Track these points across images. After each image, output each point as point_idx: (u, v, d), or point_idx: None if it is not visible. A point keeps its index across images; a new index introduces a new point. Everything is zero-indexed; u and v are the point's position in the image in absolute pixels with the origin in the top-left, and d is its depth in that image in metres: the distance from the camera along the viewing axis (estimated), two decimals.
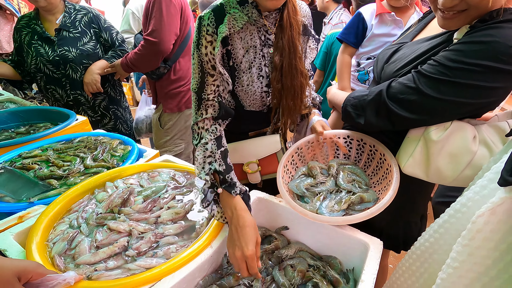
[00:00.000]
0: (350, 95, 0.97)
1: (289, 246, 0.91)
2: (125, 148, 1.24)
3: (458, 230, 0.60)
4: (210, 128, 0.85)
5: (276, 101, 0.95)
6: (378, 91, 0.84)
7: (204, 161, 0.82)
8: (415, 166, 0.84)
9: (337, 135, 1.04)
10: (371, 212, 0.76)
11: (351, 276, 0.83)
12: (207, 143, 0.83)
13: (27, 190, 0.96)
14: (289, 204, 0.83)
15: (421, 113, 0.78)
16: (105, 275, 0.67)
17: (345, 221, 0.77)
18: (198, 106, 0.85)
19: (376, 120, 0.87)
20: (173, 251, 0.74)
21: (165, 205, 0.88)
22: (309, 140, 1.03)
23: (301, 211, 0.80)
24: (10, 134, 1.53)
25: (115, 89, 1.91)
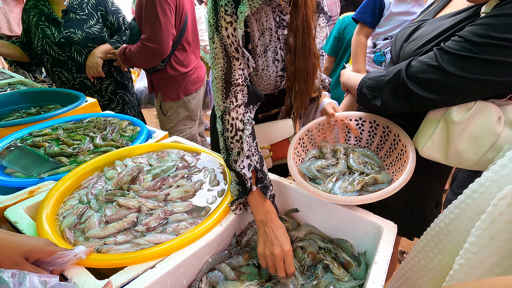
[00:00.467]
0: (366, 76, 0.93)
1: (299, 228, 0.89)
2: (134, 129, 1.23)
3: (474, 211, 0.58)
4: (245, 118, 0.80)
5: (289, 84, 0.92)
6: (397, 70, 0.80)
7: (246, 154, 0.78)
8: (434, 149, 0.80)
9: (348, 117, 1.00)
10: (387, 191, 0.73)
11: (363, 259, 0.81)
12: (249, 137, 0.78)
13: (37, 167, 0.96)
14: (300, 185, 0.81)
15: (442, 93, 0.75)
16: (115, 248, 0.66)
17: (360, 200, 0.74)
18: (226, 93, 0.78)
19: (393, 102, 0.83)
20: (182, 228, 0.73)
21: (174, 184, 0.87)
22: (319, 123, 1.01)
23: (314, 191, 0.78)
24: (21, 115, 1.54)
25: (122, 74, 1.90)
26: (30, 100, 1.65)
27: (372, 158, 0.94)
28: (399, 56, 0.90)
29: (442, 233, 0.71)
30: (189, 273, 0.70)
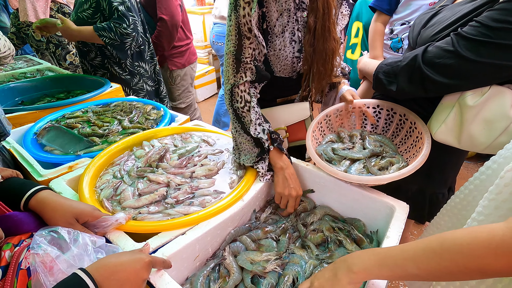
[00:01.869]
0: (382, 62, 0.95)
1: (314, 212, 0.94)
2: (158, 113, 1.30)
3: (487, 187, 0.61)
4: (251, 91, 0.90)
5: (307, 66, 0.95)
6: (413, 56, 0.82)
7: (255, 122, 0.89)
8: (447, 133, 0.83)
9: (366, 104, 1.03)
10: (402, 172, 0.77)
11: (375, 237, 0.86)
12: (255, 107, 0.89)
13: (73, 145, 1.05)
14: (319, 164, 0.85)
15: (458, 78, 0.77)
16: (148, 217, 0.74)
17: (375, 180, 0.78)
18: (236, 69, 0.87)
19: (408, 87, 0.85)
20: (208, 201, 0.80)
21: (198, 163, 0.94)
22: (338, 108, 1.04)
23: (331, 170, 0.82)
24: (51, 99, 1.64)
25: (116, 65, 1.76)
26: (59, 85, 1.74)
27: (387, 144, 0.97)
28: (416, 42, 0.92)
29: (456, 208, 0.75)
30: (214, 242, 0.77)
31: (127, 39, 1.52)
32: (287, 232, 0.87)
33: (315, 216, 0.91)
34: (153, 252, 0.64)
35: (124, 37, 1.50)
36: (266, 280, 0.71)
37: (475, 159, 2.74)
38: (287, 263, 0.77)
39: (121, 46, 1.54)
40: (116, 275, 0.50)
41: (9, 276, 0.50)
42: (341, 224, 0.89)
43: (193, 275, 0.72)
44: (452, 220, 0.77)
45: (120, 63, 1.70)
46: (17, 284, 0.49)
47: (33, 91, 1.67)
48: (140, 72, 1.79)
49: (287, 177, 0.89)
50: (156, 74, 1.91)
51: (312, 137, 0.96)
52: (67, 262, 0.54)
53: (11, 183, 0.67)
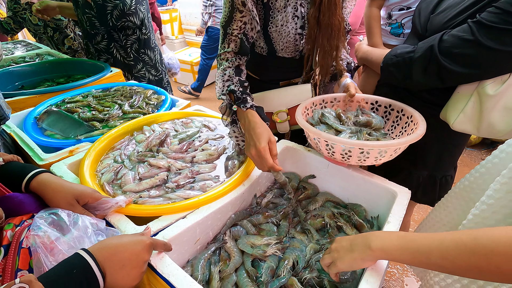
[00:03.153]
0: (390, 53, 0.92)
1: (315, 199, 0.93)
2: (159, 98, 1.28)
3: (499, 170, 0.60)
4: (230, 58, 0.90)
5: (310, 44, 0.92)
6: (428, 46, 0.79)
7: (223, 84, 0.88)
8: (466, 122, 0.81)
9: (365, 99, 1.00)
10: (411, 138, 0.74)
11: (375, 222, 0.85)
12: (225, 70, 0.88)
13: (74, 130, 1.04)
14: (301, 124, 0.82)
15: (478, 68, 0.74)
16: (149, 201, 0.74)
17: (364, 145, 0.73)
18: (223, 39, 0.89)
19: (424, 79, 0.83)
20: (209, 186, 0.80)
21: (199, 148, 0.93)
22: (335, 97, 1.01)
23: (328, 137, 0.76)
24: (52, 84, 1.63)
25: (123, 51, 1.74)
26: (59, 69, 1.72)
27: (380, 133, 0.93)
28: (426, 29, 0.88)
29: (465, 190, 0.74)
30: (215, 226, 0.77)
31: (109, 3, 1.40)
32: (288, 217, 0.87)
33: (316, 203, 0.90)
34: (154, 235, 0.65)
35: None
36: (266, 263, 0.71)
37: (479, 146, 2.72)
38: (287, 247, 0.77)
39: (103, 9, 1.42)
40: (117, 256, 0.50)
41: (11, 254, 0.50)
42: (342, 210, 0.89)
43: (194, 258, 0.73)
44: (460, 203, 0.76)
45: (126, 47, 1.66)
46: (19, 262, 0.50)
47: (32, 75, 1.66)
48: (145, 60, 1.75)
49: (246, 135, 0.80)
50: (160, 63, 1.84)
51: (303, 111, 0.93)
52: (68, 244, 0.54)
53: (12, 166, 0.67)
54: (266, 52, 0.97)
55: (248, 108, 0.82)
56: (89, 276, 0.46)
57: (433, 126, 0.85)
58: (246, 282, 0.68)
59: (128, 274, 0.50)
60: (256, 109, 0.83)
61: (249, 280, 0.69)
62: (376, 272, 0.59)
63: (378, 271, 0.59)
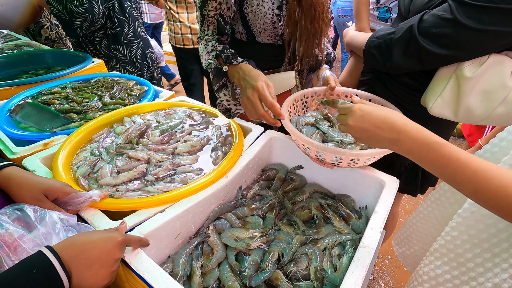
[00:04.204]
0: (373, 35, 0.89)
1: (302, 190, 0.91)
2: (141, 88, 1.23)
3: (499, 160, 0.58)
4: (212, 37, 0.91)
5: (291, 28, 0.88)
6: (408, 27, 0.76)
7: (208, 55, 0.88)
8: (444, 107, 0.79)
9: (345, 93, 0.97)
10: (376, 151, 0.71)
11: (364, 213, 0.83)
12: (208, 42, 0.89)
13: (49, 122, 0.99)
14: (292, 133, 0.77)
15: (457, 49, 0.71)
16: (126, 195, 0.70)
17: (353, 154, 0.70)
18: (201, 21, 0.89)
19: (404, 61, 0.80)
20: (190, 178, 0.76)
21: (181, 139, 0.89)
22: (316, 91, 0.97)
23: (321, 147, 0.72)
24: (30, 76, 1.56)
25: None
26: (38, 61, 1.65)
27: None
28: (409, 10, 0.85)
29: None
30: (197, 220, 0.74)
31: (77, 18, 1.37)
32: (274, 209, 0.85)
33: (303, 195, 0.88)
34: (130, 230, 0.61)
35: (73, 15, 1.35)
36: (250, 257, 0.69)
37: None
38: (273, 240, 0.75)
39: (70, 23, 1.40)
40: (85, 254, 0.46)
41: None
42: (330, 201, 0.87)
43: (175, 253, 0.70)
44: (455, 196, 0.74)
45: (95, 43, 1.59)
46: None
47: (10, 67, 1.58)
48: (117, 56, 1.66)
49: (241, 84, 0.77)
50: (140, 58, 1.72)
51: (287, 111, 0.90)
52: (33, 242, 0.50)
53: None
54: (245, 38, 0.93)
55: (240, 62, 0.81)
56: (51, 276, 0.42)
57: (416, 114, 0.83)
58: (229, 276, 0.66)
59: (96, 273, 0.47)
60: (248, 62, 0.83)
61: (233, 275, 0.66)
62: (362, 264, 0.57)
63: (363, 262, 0.57)
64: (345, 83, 1.09)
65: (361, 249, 0.61)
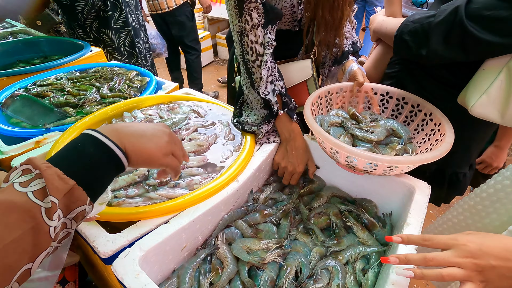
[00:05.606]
0: (407, 19, 0.78)
1: (319, 195, 0.82)
2: (143, 80, 1.14)
3: None
4: (264, 40, 0.73)
5: (310, 13, 0.78)
6: (453, 8, 0.65)
7: (267, 80, 0.76)
8: (488, 105, 0.68)
9: (374, 89, 0.87)
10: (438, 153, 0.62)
11: (388, 220, 0.75)
12: (267, 61, 0.74)
13: (43, 117, 0.91)
14: (319, 134, 0.68)
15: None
16: (126, 202, 0.62)
17: (393, 161, 0.61)
18: (240, 10, 0.69)
19: (443, 49, 0.69)
20: (197, 182, 0.68)
21: (186, 137, 0.81)
22: (342, 87, 0.87)
23: (355, 152, 0.62)
24: (26, 65, 1.47)
25: None
26: (34, 49, 1.56)
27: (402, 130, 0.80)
28: None
29: (504, 191, 0.63)
30: (205, 229, 0.66)
31: (79, 2, 1.31)
32: (289, 215, 0.77)
33: (321, 200, 0.80)
34: (130, 245, 0.54)
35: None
36: (265, 273, 0.61)
37: None
38: (289, 252, 0.67)
39: (71, 8, 1.34)
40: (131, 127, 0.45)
41: None
42: (350, 206, 0.79)
43: (180, 267, 0.63)
44: (494, 205, 0.65)
45: (85, 26, 1.51)
46: None
47: (4, 56, 1.49)
48: (105, 41, 1.58)
49: (288, 150, 0.81)
50: (128, 46, 1.65)
51: (311, 109, 0.81)
52: None
53: None
54: None
55: (295, 121, 0.81)
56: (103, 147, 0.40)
57: (450, 114, 0.73)
58: None
59: (150, 140, 0.44)
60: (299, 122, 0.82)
61: None
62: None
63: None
64: (369, 75, 0.99)
65: (395, 269, 0.52)
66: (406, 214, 0.65)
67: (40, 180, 0.34)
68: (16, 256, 0.30)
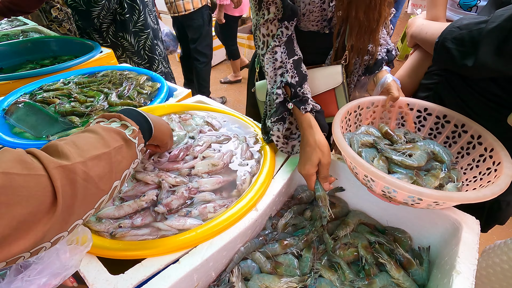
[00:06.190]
0: (453, 24, 0.68)
1: (346, 222, 0.73)
2: (153, 85, 1.07)
3: None
4: (276, 32, 0.68)
5: (342, 12, 0.68)
6: (510, 14, 0.56)
7: (275, 73, 0.71)
8: None
9: (410, 105, 0.77)
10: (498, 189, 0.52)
11: (426, 256, 0.66)
12: (276, 52, 0.69)
13: (47, 127, 0.85)
14: (352, 160, 0.58)
15: None
16: (131, 233, 0.55)
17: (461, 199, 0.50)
18: (259, 5, 0.67)
19: (495, 60, 0.59)
20: (210, 211, 0.61)
21: (199, 154, 0.73)
22: (373, 102, 0.77)
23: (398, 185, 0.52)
24: (35, 66, 1.42)
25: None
26: (43, 50, 1.51)
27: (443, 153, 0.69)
28: None
29: None
30: (219, 265, 0.59)
31: (95, 7, 1.25)
32: (311, 246, 0.69)
33: (347, 228, 0.71)
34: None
35: (91, 5, 1.25)
36: None
37: None
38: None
39: (87, 14, 1.28)
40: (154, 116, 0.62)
41: None
42: (381, 238, 0.70)
43: None
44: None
45: (101, 31, 1.44)
46: None
47: (14, 56, 1.45)
48: (124, 45, 1.51)
49: (300, 148, 0.70)
50: (149, 50, 1.57)
51: (340, 126, 0.72)
52: None
53: None
54: None
55: (308, 111, 0.68)
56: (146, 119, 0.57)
57: (495, 134, 0.63)
58: None
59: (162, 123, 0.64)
60: (316, 114, 0.69)
61: None
62: None
63: None
64: (402, 84, 0.89)
65: None
66: (452, 256, 0.56)
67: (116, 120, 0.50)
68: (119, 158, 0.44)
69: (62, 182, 0.34)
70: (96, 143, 0.42)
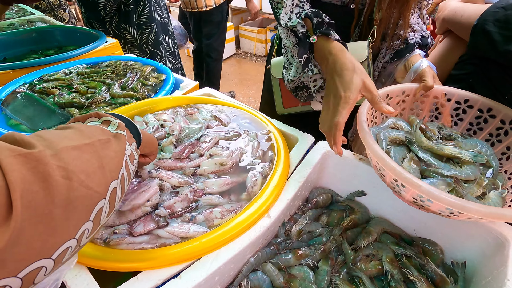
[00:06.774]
0: (495, 5, 0.59)
1: (368, 231, 0.66)
2: (159, 77, 1.01)
3: None
4: None
5: None
6: None
7: (291, 10, 0.62)
8: None
9: (448, 95, 0.67)
10: None
11: (461, 273, 0.58)
12: None
13: (44, 119, 0.79)
14: (382, 163, 0.49)
15: None
16: (128, 241, 0.49)
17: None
18: None
19: None
20: (217, 216, 0.54)
21: (206, 152, 0.66)
22: (404, 90, 0.68)
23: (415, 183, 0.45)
24: (39, 56, 1.38)
25: None
26: (48, 39, 1.46)
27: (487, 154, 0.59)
28: None
29: None
30: (226, 278, 0.52)
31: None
32: (329, 257, 0.61)
33: (369, 237, 0.63)
34: None
35: None
36: None
37: None
38: None
39: (93, 6, 1.24)
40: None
41: None
42: (409, 250, 0.62)
43: None
44: None
45: (105, 21, 1.38)
46: None
47: (18, 46, 1.40)
48: (126, 38, 1.45)
49: (330, 82, 0.56)
50: (152, 45, 1.52)
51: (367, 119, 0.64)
52: None
53: None
54: None
55: (336, 40, 0.58)
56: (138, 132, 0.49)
57: None
58: None
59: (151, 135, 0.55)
60: (342, 43, 0.59)
61: None
62: None
63: None
64: None
65: None
66: (498, 278, 0.47)
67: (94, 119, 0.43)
68: (109, 153, 0.36)
69: (22, 176, 0.24)
70: (71, 135, 0.33)
